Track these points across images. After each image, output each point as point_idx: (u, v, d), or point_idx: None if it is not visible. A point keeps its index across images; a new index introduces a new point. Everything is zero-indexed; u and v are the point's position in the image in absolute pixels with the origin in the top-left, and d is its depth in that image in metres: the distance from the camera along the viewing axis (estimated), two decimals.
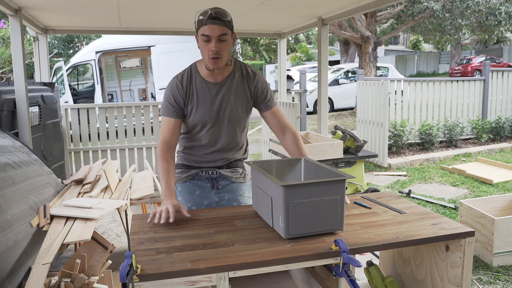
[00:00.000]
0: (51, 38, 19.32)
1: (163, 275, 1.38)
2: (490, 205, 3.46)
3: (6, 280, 2.00)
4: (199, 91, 2.00)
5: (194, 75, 2.01)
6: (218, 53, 1.87)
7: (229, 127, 2.05)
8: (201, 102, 1.99)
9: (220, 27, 1.84)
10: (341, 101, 13.07)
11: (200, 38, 1.88)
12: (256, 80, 2.07)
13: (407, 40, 33.17)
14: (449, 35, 14.83)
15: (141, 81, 12.57)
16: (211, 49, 1.86)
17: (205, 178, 2.13)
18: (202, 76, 2.00)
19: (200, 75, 2.01)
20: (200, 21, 1.85)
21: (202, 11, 1.86)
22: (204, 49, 1.88)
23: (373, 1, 3.61)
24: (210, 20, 1.83)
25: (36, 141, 3.79)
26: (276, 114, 2.11)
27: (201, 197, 2.11)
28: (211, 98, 2.00)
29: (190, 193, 2.12)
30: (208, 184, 2.13)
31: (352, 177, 1.66)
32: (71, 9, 3.80)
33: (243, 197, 2.16)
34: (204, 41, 1.86)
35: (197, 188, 2.12)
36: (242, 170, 2.20)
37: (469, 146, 7.28)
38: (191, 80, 2.00)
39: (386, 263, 2.26)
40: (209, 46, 1.86)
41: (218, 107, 2.01)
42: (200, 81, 2.00)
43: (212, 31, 1.83)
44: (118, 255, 3.39)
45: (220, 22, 1.84)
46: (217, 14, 1.84)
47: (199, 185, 2.12)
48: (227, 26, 1.87)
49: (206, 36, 1.85)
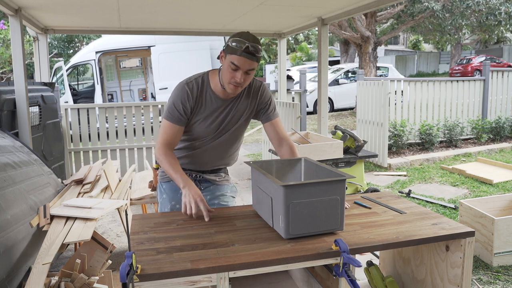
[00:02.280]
0: (51, 38, 19.31)
1: (163, 275, 1.38)
2: (490, 205, 3.46)
3: (6, 280, 2.00)
4: (208, 105, 1.98)
5: (205, 87, 1.98)
6: (241, 84, 1.86)
7: (225, 138, 2.08)
8: (207, 116, 1.99)
9: (252, 61, 1.82)
10: (341, 101, 13.07)
11: (228, 64, 1.84)
12: (260, 93, 2.07)
13: (407, 40, 33.16)
14: (449, 35, 14.83)
15: (141, 81, 12.57)
16: (236, 78, 1.84)
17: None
18: (214, 90, 1.98)
19: (211, 88, 1.98)
20: (234, 49, 1.81)
21: (239, 38, 1.81)
22: (228, 74, 1.85)
23: (373, 1, 3.61)
24: (245, 53, 1.79)
25: (36, 141, 3.79)
26: (275, 126, 2.12)
27: None
28: (217, 113, 2.00)
29: (174, 192, 2.14)
30: None
31: (352, 177, 1.66)
32: (71, 9, 3.80)
33: (224, 196, 2.21)
34: (231, 68, 1.83)
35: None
36: (224, 174, 2.25)
37: (469, 146, 7.28)
38: (202, 92, 1.97)
39: (386, 263, 2.26)
40: (235, 75, 1.84)
41: (221, 122, 2.02)
42: (210, 95, 1.98)
43: (244, 64, 1.81)
44: (118, 255, 3.39)
45: (254, 58, 1.82)
46: (253, 49, 1.80)
47: None
48: (258, 61, 1.85)
49: (235, 65, 1.82)
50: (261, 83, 2.11)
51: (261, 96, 2.07)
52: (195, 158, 2.10)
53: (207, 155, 2.10)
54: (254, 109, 2.08)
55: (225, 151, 2.13)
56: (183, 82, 1.98)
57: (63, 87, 10.24)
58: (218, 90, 1.97)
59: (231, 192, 2.24)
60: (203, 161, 2.12)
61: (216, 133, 2.04)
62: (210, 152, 2.09)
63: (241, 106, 2.03)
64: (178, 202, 2.12)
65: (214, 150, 2.09)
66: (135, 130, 5.44)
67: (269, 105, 2.10)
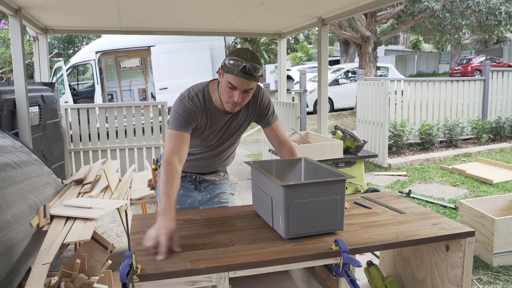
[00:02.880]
0: (51, 38, 19.31)
1: (163, 275, 1.38)
2: (490, 205, 3.46)
3: (6, 280, 2.00)
4: (213, 119, 1.95)
5: (207, 101, 1.92)
6: (239, 103, 1.82)
7: (225, 145, 2.10)
8: (209, 129, 1.98)
9: (249, 82, 1.76)
10: (341, 101, 13.07)
11: (225, 82, 1.78)
12: (259, 100, 2.02)
13: (407, 40, 33.16)
14: (449, 35, 14.81)
15: (141, 81, 12.57)
16: (233, 98, 1.78)
17: (189, 180, 2.19)
18: (216, 105, 1.94)
19: (213, 103, 1.93)
20: (230, 69, 1.74)
21: (236, 57, 1.73)
22: (226, 93, 1.80)
23: (373, 1, 3.61)
24: (242, 73, 1.73)
25: (36, 141, 3.79)
26: (276, 130, 2.10)
27: (185, 196, 2.16)
28: (219, 128, 2.00)
29: None
30: (191, 186, 2.19)
31: (352, 177, 1.66)
32: (71, 9, 3.80)
33: (225, 194, 2.22)
34: (228, 87, 1.77)
35: (181, 188, 2.14)
36: (223, 173, 2.26)
37: (469, 146, 7.28)
38: (206, 107, 1.92)
39: (386, 263, 2.26)
40: (232, 94, 1.78)
41: (222, 134, 2.03)
42: (214, 110, 1.94)
43: (241, 84, 1.75)
44: (118, 255, 3.39)
45: (252, 77, 1.75)
46: (251, 69, 1.73)
47: (183, 186, 2.13)
48: (256, 80, 1.78)
49: (232, 85, 1.76)
50: (259, 87, 2.01)
51: (260, 102, 2.03)
52: (194, 162, 2.12)
53: (206, 161, 2.13)
54: (254, 116, 2.07)
55: (223, 156, 2.16)
56: (185, 98, 1.89)
57: (63, 87, 10.24)
58: (219, 104, 1.92)
59: (230, 189, 2.26)
60: (202, 166, 2.15)
61: (216, 144, 2.06)
62: (209, 159, 2.12)
63: (241, 116, 2.03)
64: (178, 203, 2.11)
65: (212, 158, 2.12)
66: (135, 130, 5.44)
67: (268, 109, 2.06)
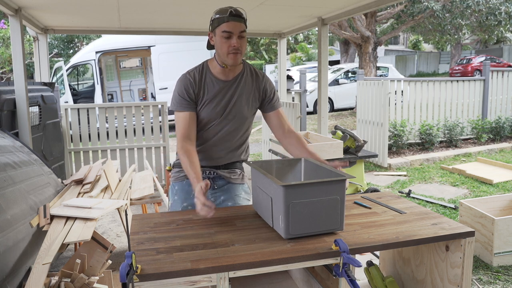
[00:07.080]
0: (51, 38, 19.31)
1: (163, 275, 1.38)
2: (490, 205, 3.46)
3: (6, 280, 2.00)
4: (209, 87, 2.03)
5: (205, 72, 2.05)
6: (238, 49, 1.93)
7: (233, 125, 2.08)
8: (210, 99, 2.02)
9: (240, 24, 1.92)
10: (341, 101, 13.07)
11: (220, 35, 1.92)
12: (264, 81, 2.14)
13: (407, 40, 33.15)
14: (449, 35, 14.82)
15: (141, 81, 12.57)
16: (232, 45, 1.91)
17: (203, 177, 2.12)
18: (214, 73, 2.04)
19: (211, 72, 2.05)
20: (220, 19, 1.91)
21: (220, 10, 1.93)
22: (224, 45, 1.92)
23: (373, 1, 3.61)
24: (231, 17, 1.89)
25: (36, 141, 3.79)
26: (281, 117, 2.15)
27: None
28: (220, 95, 2.03)
29: (186, 193, 2.13)
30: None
31: (352, 177, 1.66)
32: (71, 9, 3.81)
33: (239, 198, 2.17)
34: (224, 37, 1.91)
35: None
36: (240, 171, 2.21)
37: (469, 146, 7.28)
38: (202, 77, 2.04)
39: (386, 263, 2.26)
40: (230, 42, 1.91)
41: (226, 105, 2.04)
42: (211, 78, 2.04)
43: (234, 28, 1.90)
44: (118, 255, 3.39)
45: (241, 19, 1.92)
46: (237, 11, 1.92)
47: None
48: (245, 23, 1.95)
49: (227, 32, 1.90)
50: (264, 73, 2.18)
51: (266, 83, 2.13)
52: (207, 152, 2.09)
53: (216, 149, 2.09)
54: (259, 96, 2.11)
55: (234, 141, 2.11)
56: (184, 73, 2.07)
57: (63, 87, 10.24)
58: (218, 71, 2.03)
59: (245, 194, 2.21)
60: (215, 155, 2.11)
61: (223, 116, 2.04)
62: (220, 143, 2.09)
63: (244, 88, 2.06)
64: (190, 204, 2.09)
65: (223, 141, 2.09)
66: (135, 130, 5.44)
67: (273, 94, 2.15)
